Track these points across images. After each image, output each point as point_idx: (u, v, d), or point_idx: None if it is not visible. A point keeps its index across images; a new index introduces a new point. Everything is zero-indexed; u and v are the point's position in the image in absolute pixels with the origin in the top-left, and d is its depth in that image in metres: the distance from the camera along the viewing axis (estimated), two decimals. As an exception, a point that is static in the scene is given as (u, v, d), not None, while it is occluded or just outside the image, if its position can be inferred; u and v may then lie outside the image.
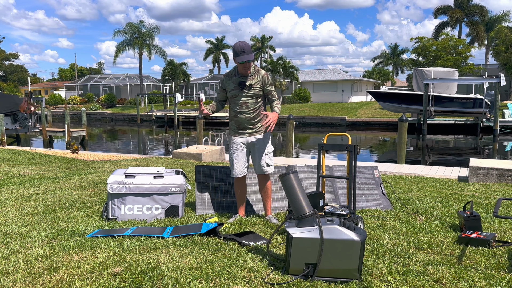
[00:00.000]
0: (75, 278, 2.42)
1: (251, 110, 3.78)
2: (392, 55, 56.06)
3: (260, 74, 3.79)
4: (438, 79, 24.53)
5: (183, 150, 10.89)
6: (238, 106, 3.78)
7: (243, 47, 3.60)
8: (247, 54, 3.60)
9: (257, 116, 3.83)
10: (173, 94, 37.17)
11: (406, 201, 4.96)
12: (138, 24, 43.38)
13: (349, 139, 3.83)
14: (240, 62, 3.61)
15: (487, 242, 3.13)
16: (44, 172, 7.89)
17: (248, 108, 3.77)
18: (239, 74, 3.77)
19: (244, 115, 3.78)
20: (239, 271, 2.54)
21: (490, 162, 7.71)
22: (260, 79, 3.78)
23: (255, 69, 3.79)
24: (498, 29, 37.64)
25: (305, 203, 2.62)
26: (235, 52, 3.61)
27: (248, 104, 3.77)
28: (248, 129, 3.84)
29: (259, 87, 3.78)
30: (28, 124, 22.21)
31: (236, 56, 3.62)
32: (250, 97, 3.76)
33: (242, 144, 3.86)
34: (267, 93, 3.84)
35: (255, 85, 3.76)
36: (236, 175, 3.90)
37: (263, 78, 3.79)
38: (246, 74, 3.74)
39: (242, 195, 4.01)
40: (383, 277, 2.50)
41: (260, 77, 3.78)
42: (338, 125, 30.93)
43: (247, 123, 3.82)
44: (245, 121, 3.81)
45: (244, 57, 3.60)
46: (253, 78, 3.77)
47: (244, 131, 3.84)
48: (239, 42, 3.64)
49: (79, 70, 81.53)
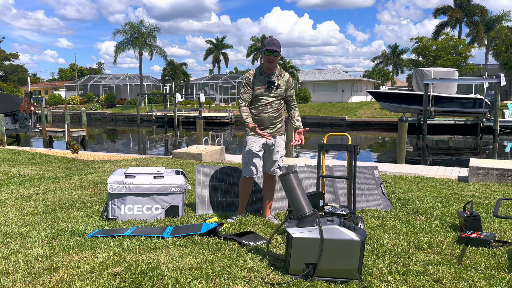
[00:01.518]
0: (75, 278, 2.42)
1: (274, 110, 3.78)
2: (392, 55, 56.08)
3: (285, 76, 3.82)
4: (438, 79, 24.53)
5: (183, 150, 10.89)
6: (262, 105, 3.75)
7: (272, 39, 3.64)
8: (273, 46, 3.60)
9: (279, 117, 3.84)
10: (173, 94, 37.17)
11: (406, 201, 4.96)
12: (138, 24, 43.40)
13: (349, 139, 3.83)
14: (266, 53, 3.61)
15: (487, 242, 3.13)
16: (44, 172, 7.89)
17: (273, 108, 3.77)
18: (265, 74, 3.75)
19: (267, 113, 3.76)
20: (239, 271, 2.54)
21: (490, 162, 7.71)
22: (285, 81, 3.80)
23: (280, 71, 3.81)
24: (498, 29, 37.64)
25: (305, 203, 2.62)
26: (263, 45, 3.65)
27: (273, 104, 3.77)
28: (269, 128, 3.82)
29: (284, 88, 3.80)
30: (28, 124, 22.20)
31: (263, 47, 3.63)
32: (276, 97, 3.77)
33: (261, 145, 3.81)
34: (288, 96, 3.86)
35: (281, 86, 3.78)
36: (253, 175, 3.83)
37: (288, 80, 3.82)
38: (271, 69, 3.73)
39: (248, 194, 3.98)
40: (383, 277, 2.50)
41: (286, 79, 3.81)
42: (338, 125, 30.92)
43: (269, 123, 3.80)
44: (268, 120, 3.79)
45: (270, 47, 3.59)
46: (279, 78, 3.79)
47: (264, 131, 3.80)
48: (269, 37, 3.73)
49: (79, 70, 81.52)
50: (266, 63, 3.70)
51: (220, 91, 49.69)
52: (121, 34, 42.77)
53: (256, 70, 3.80)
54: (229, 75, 50.79)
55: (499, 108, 23.31)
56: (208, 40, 58.48)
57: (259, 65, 3.84)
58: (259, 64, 3.80)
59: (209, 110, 38.88)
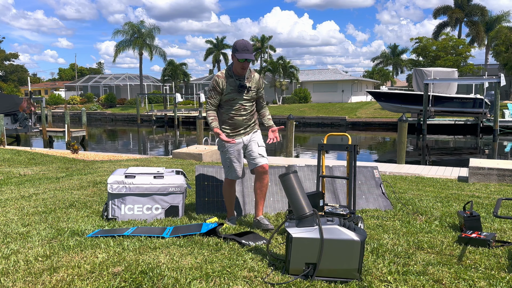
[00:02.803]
0: (75, 278, 2.42)
1: (248, 113, 3.69)
2: (392, 55, 56.06)
3: (255, 77, 3.69)
4: (438, 79, 24.53)
5: (183, 150, 10.89)
6: (234, 109, 3.62)
7: (246, 45, 3.46)
8: (249, 53, 3.45)
9: (252, 117, 3.75)
10: (173, 94, 37.17)
11: (406, 201, 4.96)
12: (138, 24, 43.42)
13: (349, 139, 3.83)
14: (240, 60, 3.44)
15: (487, 242, 3.13)
16: (44, 172, 7.89)
17: (246, 111, 3.67)
18: (236, 76, 3.59)
19: (241, 117, 3.66)
20: (239, 271, 2.54)
21: (490, 162, 7.71)
22: (256, 82, 3.69)
23: (250, 72, 3.68)
24: (498, 29, 37.63)
25: (305, 203, 2.62)
26: (236, 49, 3.46)
27: (246, 107, 3.66)
28: (243, 129, 3.72)
29: (255, 90, 3.69)
30: (28, 124, 22.22)
31: (236, 52, 3.45)
32: (248, 100, 3.66)
33: (239, 149, 3.71)
34: (259, 97, 3.77)
35: (253, 88, 3.67)
36: (238, 177, 3.75)
37: (259, 81, 3.71)
38: (243, 74, 3.59)
39: (234, 197, 3.87)
40: (383, 277, 2.50)
41: (256, 80, 3.69)
42: (338, 125, 30.92)
43: (244, 125, 3.70)
44: (242, 123, 3.68)
45: (245, 55, 3.44)
46: (250, 80, 3.66)
47: (238, 132, 3.70)
48: (241, 40, 3.49)
49: (79, 70, 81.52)
50: (238, 68, 3.53)
51: (220, 91, 49.62)
52: (121, 34, 42.81)
53: (225, 72, 3.61)
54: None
55: (499, 108, 23.31)
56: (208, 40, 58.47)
57: (228, 66, 3.65)
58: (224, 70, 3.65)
59: (209, 110, 38.79)
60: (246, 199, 4.36)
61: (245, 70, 3.56)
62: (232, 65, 3.59)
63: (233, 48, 3.49)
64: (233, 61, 3.54)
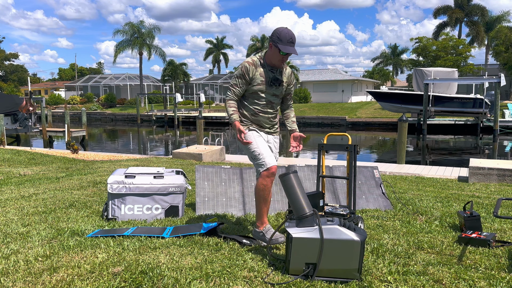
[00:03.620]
0: (75, 278, 2.42)
1: (275, 111, 3.26)
2: (392, 55, 56.09)
3: (287, 71, 3.23)
4: (438, 79, 24.54)
5: (183, 150, 10.89)
6: (261, 105, 3.16)
7: (291, 36, 2.96)
8: (294, 46, 2.97)
9: (276, 117, 3.34)
10: (173, 94, 37.18)
11: (406, 201, 4.96)
12: (138, 24, 43.44)
13: (349, 139, 3.83)
14: (282, 52, 2.96)
15: (487, 242, 3.13)
16: (44, 172, 7.89)
17: (273, 109, 3.23)
18: (269, 66, 3.10)
19: (266, 114, 3.21)
20: (239, 271, 2.54)
21: (490, 162, 7.71)
22: (288, 77, 3.23)
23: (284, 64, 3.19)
24: (498, 29, 37.65)
25: (305, 203, 2.62)
26: (280, 39, 2.94)
27: (274, 104, 3.22)
28: (267, 128, 3.29)
29: (286, 86, 3.25)
30: (28, 124, 22.22)
31: (280, 43, 2.95)
32: (277, 96, 3.20)
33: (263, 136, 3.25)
34: (287, 93, 3.31)
35: (284, 82, 3.22)
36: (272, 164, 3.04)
37: (290, 76, 3.25)
38: (279, 67, 3.12)
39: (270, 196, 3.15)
40: (383, 277, 2.50)
41: (288, 74, 3.23)
42: (338, 125, 30.92)
43: (268, 123, 3.26)
44: (267, 121, 3.24)
45: (290, 49, 2.95)
46: (283, 74, 3.19)
47: (261, 130, 3.26)
48: (286, 29, 2.98)
49: (79, 70, 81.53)
50: (276, 60, 3.05)
51: (220, 91, 49.71)
52: (121, 34, 42.83)
53: (257, 60, 3.10)
54: (229, 75, 50.82)
55: (499, 108, 23.31)
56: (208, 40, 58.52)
57: (261, 53, 3.13)
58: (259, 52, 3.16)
59: (209, 110, 38.88)
60: (246, 199, 4.36)
61: (283, 63, 3.11)
62: (266, 53, 3.09)
63: (275, 37, 2.97)
64: (271, 50, 3.04)
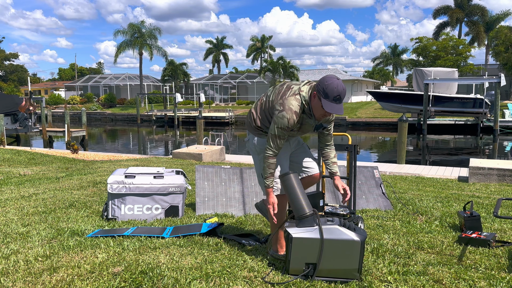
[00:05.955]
0: (75, 278, 2.42)
1: None
2: (392, 55, 56.10)
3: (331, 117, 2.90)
4: (438, 79, 24.54)
5: (183, 150, 10.89)
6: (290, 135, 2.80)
7: (340, 92, 2.53)
8: (341, 102, 2.58)
9: None
10: (173, 94, 37.18)
11: (406, 201, 4.96)
12: (139, 24, 43.45)
13: (349, 139, 3.83)
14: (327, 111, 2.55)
15: (487, 242, 3.13)
16: (44, 172, 7.89)
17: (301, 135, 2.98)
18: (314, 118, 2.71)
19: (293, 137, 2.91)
20: (239, 271, 2.54)
21: (490, 162, 7.71)
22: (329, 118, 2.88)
23: None
24: (498, 29, 37.65)
25: (305, 203, 2.61)
26: (327, 93, 2.53)
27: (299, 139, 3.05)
28: None
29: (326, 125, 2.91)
30: (28, 124, 22.23)
31: (326, 98, 2.54)
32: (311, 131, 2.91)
33: None
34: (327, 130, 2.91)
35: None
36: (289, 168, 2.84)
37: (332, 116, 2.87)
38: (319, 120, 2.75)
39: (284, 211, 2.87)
40: (383, 277, 2.50)
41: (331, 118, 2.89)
42: (338, 125, 30.92)
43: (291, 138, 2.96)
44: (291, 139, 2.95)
45: (336, 107, 2.54)
46: None
47: None
48: (336, 82, 2.54)
49: (79, 70, 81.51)
50: (318, 114, 2.65)
51: (220, 91, 49.72)
52: (121, 34, 42.83)
53: (300, 106, 2.65)
54: (229, 75, 50.83)
55: (499, 108, 23.31)
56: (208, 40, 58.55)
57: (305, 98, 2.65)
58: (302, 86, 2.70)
59: (209, 110, 38.88)
60: (246, 199, 4.36)
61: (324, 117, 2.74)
62: (310, 98, 2.65)
63: (321, 88, 2.54)
64: (314, 101, 2.62)
